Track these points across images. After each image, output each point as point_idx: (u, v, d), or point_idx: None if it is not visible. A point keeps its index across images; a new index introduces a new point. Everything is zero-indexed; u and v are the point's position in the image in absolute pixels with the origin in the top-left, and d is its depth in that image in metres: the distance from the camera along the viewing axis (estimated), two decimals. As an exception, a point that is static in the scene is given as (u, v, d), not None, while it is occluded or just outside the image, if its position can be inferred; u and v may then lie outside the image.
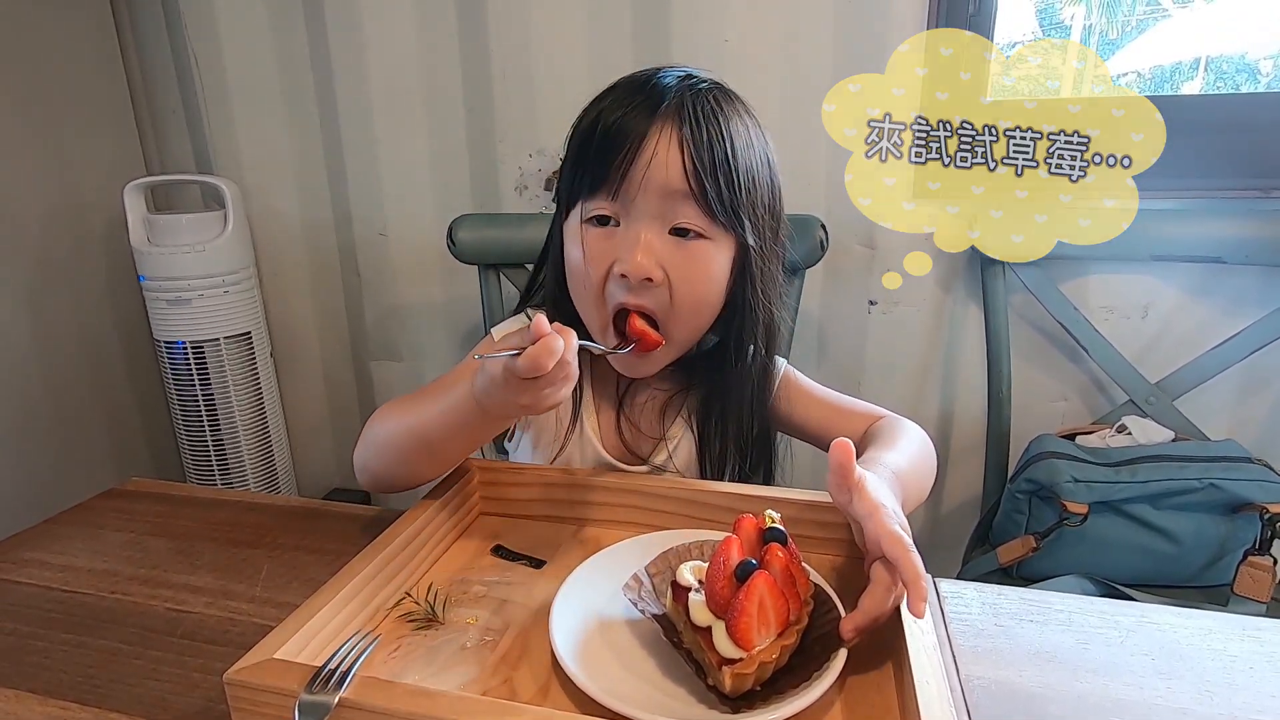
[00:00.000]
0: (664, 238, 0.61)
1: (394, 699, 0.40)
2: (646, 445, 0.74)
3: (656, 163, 0.59)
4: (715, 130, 0.61)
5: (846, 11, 1.15)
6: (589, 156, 0.62)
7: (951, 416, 1.31)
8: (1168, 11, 1.51)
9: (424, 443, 0.62)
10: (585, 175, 0.62)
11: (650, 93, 0.61)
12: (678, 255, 0.61)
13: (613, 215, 0.62)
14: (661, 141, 0.59)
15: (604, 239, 0.62)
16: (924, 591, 0.44)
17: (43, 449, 1.38)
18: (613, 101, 0.62)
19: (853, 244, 1.25)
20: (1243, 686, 0.49)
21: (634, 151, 0.59)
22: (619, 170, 0.60)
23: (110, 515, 0.75)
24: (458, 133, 1.36)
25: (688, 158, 0.59)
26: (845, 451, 0.47)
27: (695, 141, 0.60)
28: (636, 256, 0.60)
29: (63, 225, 1.40)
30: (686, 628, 0.46)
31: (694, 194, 0.60)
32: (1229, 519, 0.95)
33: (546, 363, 0.48)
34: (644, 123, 0.60)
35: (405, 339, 1.52)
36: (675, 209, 0.61)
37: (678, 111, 0.60)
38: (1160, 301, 1.17)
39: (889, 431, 0.66)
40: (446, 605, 0.54)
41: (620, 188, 0.60)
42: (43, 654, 0.54)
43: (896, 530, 0.46)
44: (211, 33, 1.43)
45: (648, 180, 0.59)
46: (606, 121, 0.61)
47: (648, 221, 0.61)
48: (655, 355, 0.65)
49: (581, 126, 0.64)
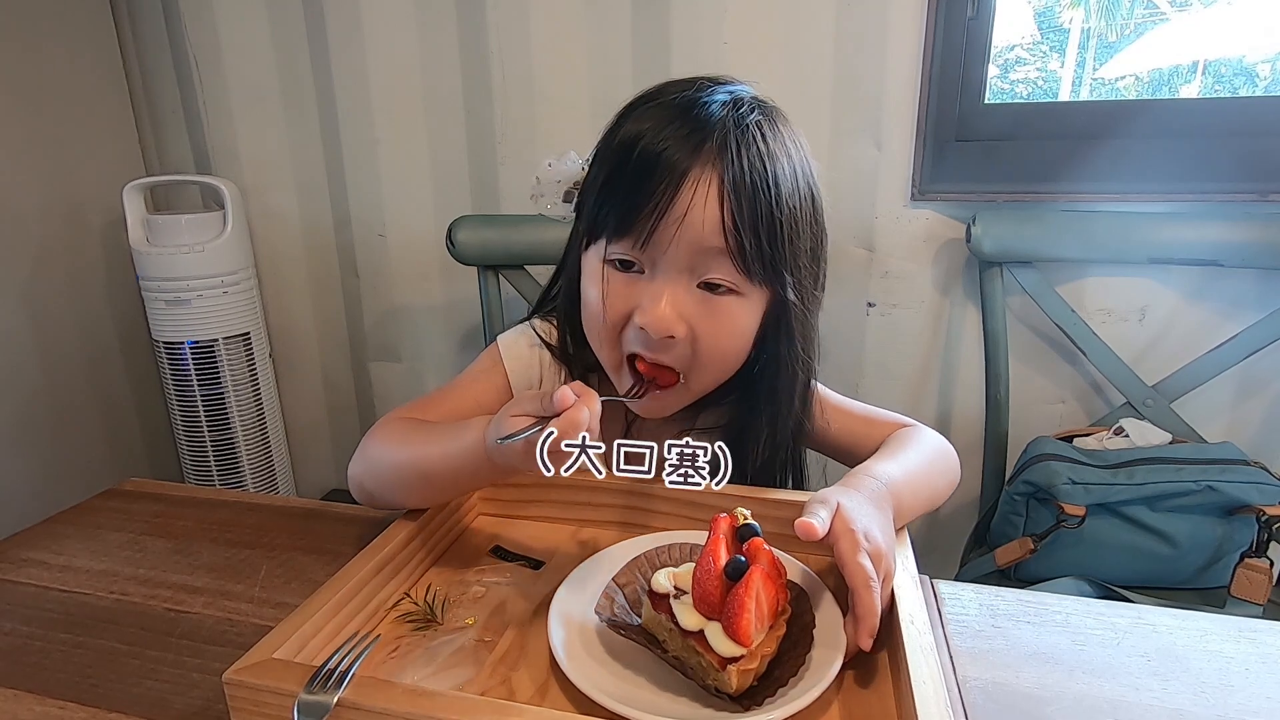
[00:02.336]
0: (691, 292, 0.57)
1: (392, 699, 0.40)
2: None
3: (693, 216, 0.54)
4: (759, 177, 0.55)
5: (845, 15, 1.16)
6: (619, 190, 0.56)
7: (949, 418, 1.32)
8: (1166, 15, 1.52)
9: (425, 479, 0.59)
10: (612, 213, 0.56)
11: (694, 123, 0.55)
12: (703, 310, 0.57)
13: (637, 262, 0.57)
14: (700, 190, 0.54)
15: (626, 285, 0.57)
16: (872, 628, 0.45)
17: (41, 449, 1.38)
18: (651, 131, 0.55)
19: (851, 246, 1.25)
20: (1239, 688, 0.49)
21: (669, 199, 0.54)
22: (650, 218, 0.54)
23: (109, 515, 0.75)
24: (457, 134, 1.37)
25: (727, 213, 0.54)
26: (808, 531, 0.47)
27: (737, 192, 0.54)
28: (660, 313, 0.55)
29: (62, 225, 1.40)
30: (673, 635, 0.46)
31: (730, 251, 0.55)
32: (1226, 521, 0.96)
33: (574, 437, 0.46)
34: (684, 162, 0.54)
35: (404, 340, 1.52)
36: (708, 263, 0.56)
37: (720, 153, 0.54)
38: (1158, 304, 1.18)
39: (896, 441, 0.65)
40: (445, 606, 0.54)
41: (649, 239, 0.55)
42: (41, 654, 0.54)
43: (859, 561, 0.46)
44: (211, 34, 1.43)
45: (681, 235, 0.54)
46: (644, 152, 0.54)
47: (675, 275, 0.56)
48: (671, 397, 0.62)
49: (615, 145, 0.57)
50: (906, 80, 1.16)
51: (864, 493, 0.54)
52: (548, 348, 0.71)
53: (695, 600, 0.45)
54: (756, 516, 0.49)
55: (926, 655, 0.43)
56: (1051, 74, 1.59)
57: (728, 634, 0.43)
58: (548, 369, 0.71)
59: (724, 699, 0.44)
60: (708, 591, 0.45)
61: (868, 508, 0.52)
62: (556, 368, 0.71)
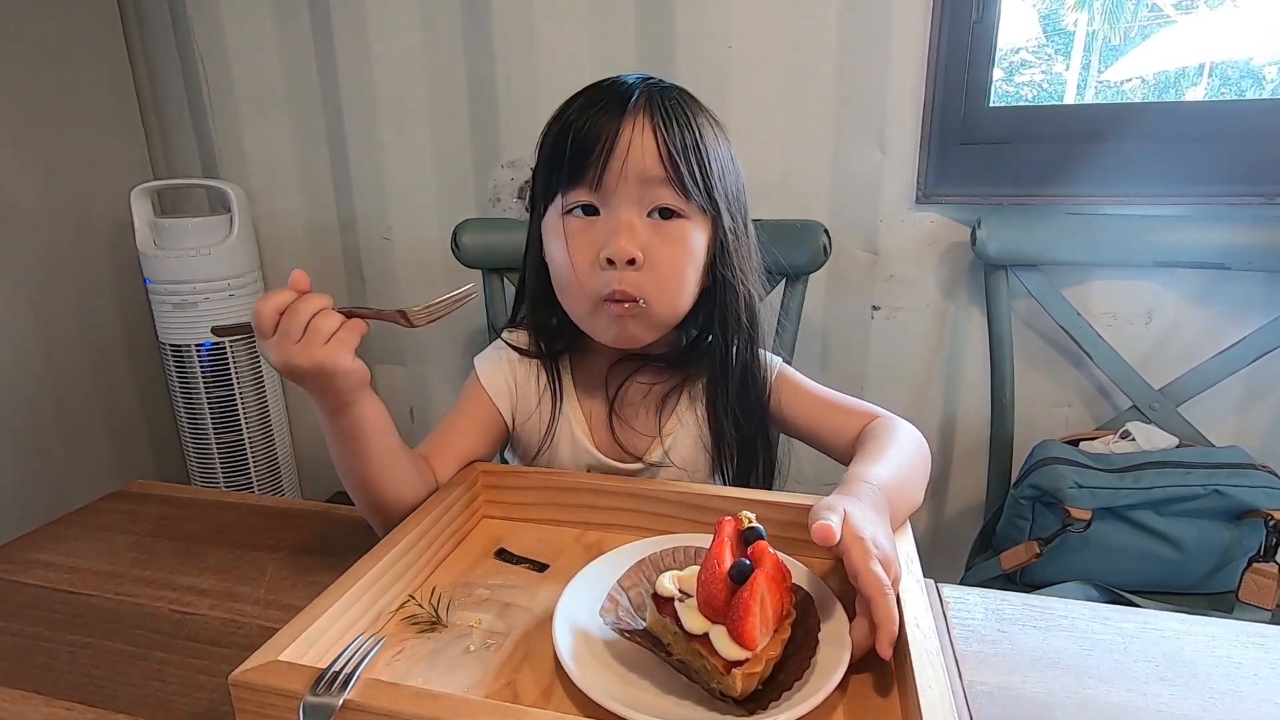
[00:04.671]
0: (644, 221, 0.64)
1: (398, 701, 0.40)
2: (641, 442, 0.74)
3: (634, 151, 0.62)
4: (684, 120, 0.64)
5: (849, 19, 1.16)
6: (565, 154, 0.63)
7: (955, 422, 1.31)
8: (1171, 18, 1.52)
9: (346, 478, 0.63)
10: (563, 172, 0.64)
11: (617, 91, 0.64)
12: (657, 236, 0.64)
13: (594, 204, 0.64)
14: (636, 132, 0.62)
15: (586, 228, 0.65)
16: (893, 634, 0.45)
17: (49, 451, 1.39)
18: (581, 104, 0.65)
19: (856, 249, 1.25)
20: (1247, 694, 0.49)
21: (611, 143, 0.62)
22: (598, 162, 0.62)
23: (115, 517, 0.75)
24: (462, 137, 1.37)
25: (661, 144, 0.62)
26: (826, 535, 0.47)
27: (667, 129, 0.63)
28: (620, 240, 0.62)
29: (70, 228, 1.41)
30: (677, 638, 0.46)
31: (670, 177, 0.63)
32: (1233, 525, 0.95)
33: (262, 310, 0.53)
34: (616, 118, 0.62)
35: (409, 342, 1.53)
36: (653, 193, 0.63)
37: (647, 104, 0.64)
38: (1164, 307, 1.17)
39: (879, 437, 0.66)
40: (450, 608, 0.55)
41: (601, 179, 0.62)
42: (48, 655, 0.55)
43: (873, 569, 0.46)
44: (218, 38, 1.44)
45: (626, 168, 0.62)
46: (579, 121, 0.63)
47: (628, 206, 0.63)
48: (636, 322, 0.66)
49: (554, 129, 0.66)
50: (911, 83, 1.16)
51: (864, 499, 0.54)
52: (513, 349, 0.75)
53: (700, 603, 0.45)
54: (761, 520, 0.49)
55: (932, 659, 0.43)
56: (1057, 77, 1.59)
57: (732, 637, 0.43)
58: (520, 369, 0.75)
59: (729, 702, 0.44)
60: (712, 595, 0.44)
61: (871, 514, 0.52)
62: (528, 365, 0.75)
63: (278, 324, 0.53)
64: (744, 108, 1.23)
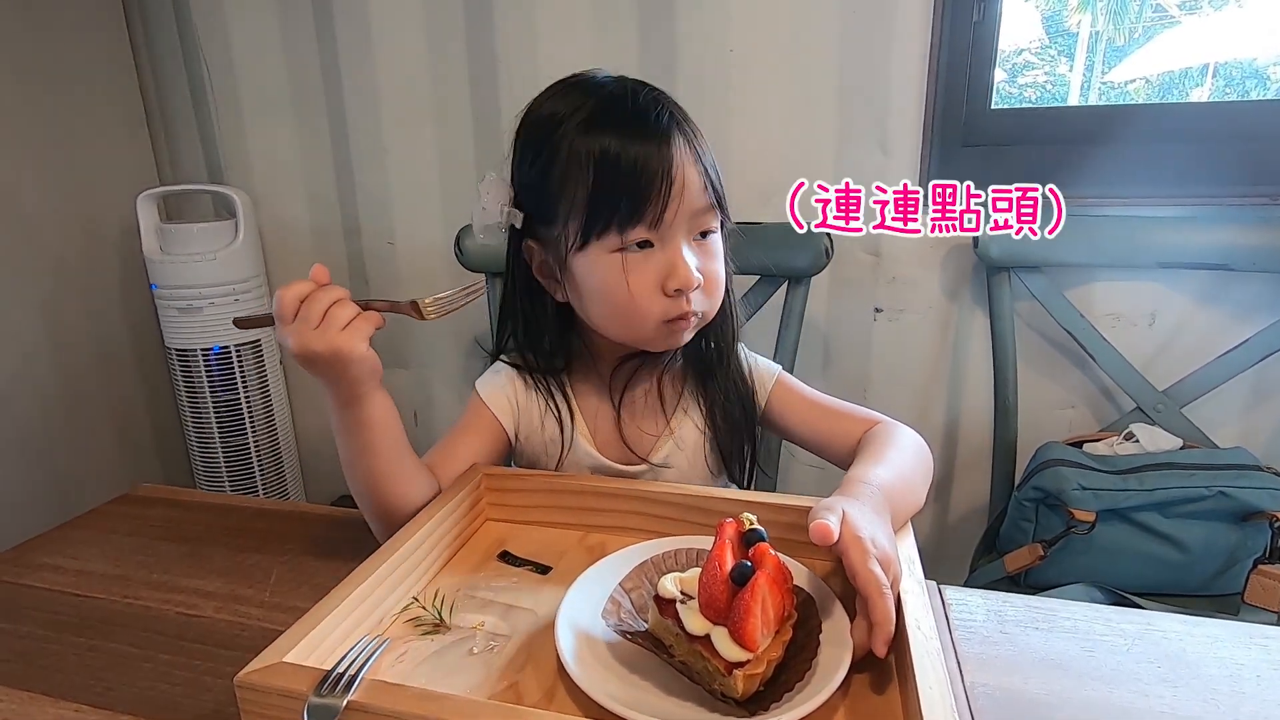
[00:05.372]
0: (692, 245, 0.66)
1: (402, 702, 0.40)
2: (647, 442, 0.75)
3: (689, 189, 0.63)
4: (697, 135, 0.66)
5: (851, 22, 1.16)
6: (617, 191, 0.62)
7: (958, 424, 1.31)
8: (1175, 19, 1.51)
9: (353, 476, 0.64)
10: (616, 209, 0.63)
11: (646, 116, 0.64)
12: (704, 255, 0.67)
13: (650, 239, 0.65)
14: (685, 167, 0.63)
15: (645, 260, 0.65)
16: (889, 634, 0.45)
17: (56, 455, 1.40)
18: (613, 131, 0.63)
19: (858, 251, 1.25)
20: (1250, 695, 0.49)
21: (668, 179, 0.62)
22: (660, 200, 0.62)
23: (122, 520, 0.76)
24: (465, 143, 1.38)
25: (701, 173, 0.64)
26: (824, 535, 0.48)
27: (699, 156, 0.64)
28: (690, 272, 0.64)
29: (77, 234, 1.42)
30: (679, 640, 0.46)
31: (713, 204, 0.65)
32: (1238, 527, 0.95)
33: (284, 296, 0.56)
34: (667, 153, 0.62)
35: (412, 347, 1.53)
36: (700, 219, 0.66)
37: (681, 133, 0.64)
38: (1167, 309, 1.17)
39: (879, 441, 0.66)
40: (453, 610, 0.55)
41: (661, 217, 0.63)
42: (55, 656, 0.55)
43: (871, 568, 0.47)
44: (224, 45, 1.45)
45: (683, 207, 0.63)
46: (630, 155, 0.62)
47: (683, 236, 0.65)
48: (693, 328, 0.69)
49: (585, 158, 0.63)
50: (913, 85, 1.16)
51: (864, 500, 0.54)
52: (516, 368, 0.76)
53: (701, 605, 0.45)
54: (762, 521, 0.50)
55: (933, 660, 0.43)
56: (1060, 78, 1.58)
57: (734, 639, 0.43)
58: (521, 385, 0.75)
59: (730, 704, 0.44)
60: (714, 596, 0.45)
61: (871, 515, 0.52)
62: (529, 382, 0.75)
63: (298, 311, 0.56)
64: (746, 110, 1.23)
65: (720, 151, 0.67)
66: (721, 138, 1.24)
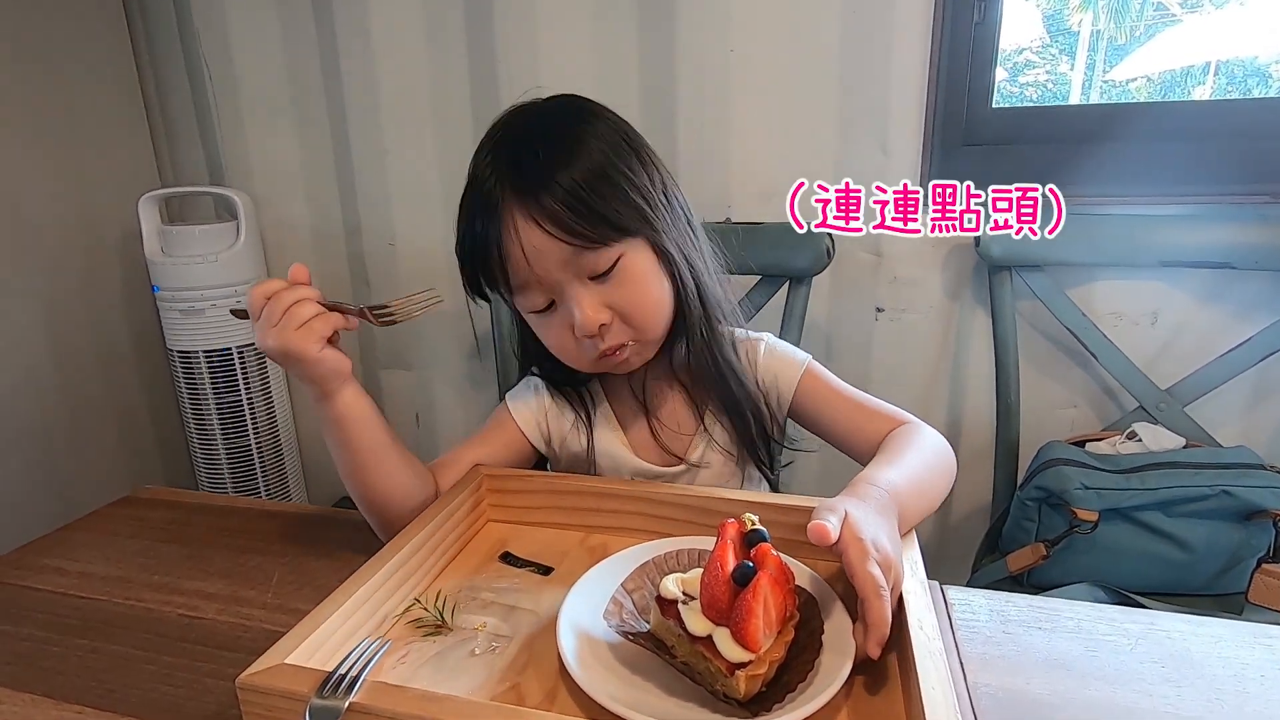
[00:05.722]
0: (590, 287, 0.64)
1: (403, 703, 0.40)
2: (683, 443, 0.75)
3: (530, 250, 0.61)
4: (548, 176, 0.60)
5: (851, 21, 1.16)
6: (480, 275, 0.66)
7: (960, 424, 1.31)
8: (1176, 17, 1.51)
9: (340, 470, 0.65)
10: (494, 287, 0.66)
11: (480, 193, 0.64)
12: (611, 289, 0.64)
13: (545, 297, 0.65)
14: (520, 232, 0.61)
15: (550, 317, 0.66)
16: (882, 636, 0.45)
17: (58, 458, 1.40)
18: (465, 221, 0.66)
19: (859, 251, 1.25)
20: (1254, 694, 0.49)
21: (507, 256, 0.62)
22: (513, 272, 0.63)
23: (124, 522, 0.76)
24: (466, 143, 1.37)
25: (545, 228, 0.60)
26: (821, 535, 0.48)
27: (541, 211, 0.60)
28: (585, 319, 0.63)
29: (79, 237, 1.42)
30: (681, 640, 0.46)
31: (581, 244, 0.61)
32: (1242, 526, 0.95)
33: (252, 294, 0.58)
34: (495, 227, 0.62)
35: (414, 348, 1.53)
36: (578, 264, 0.63)
37: (513, 196, 0.61)
38: (1170, 307, 1.17)
39: (899, 443, 0.66)
40: (455, 611, 0.55)
41: (526, 280, 0.63)
42: (57, 659, 0.55)
43: (869, 570, 0.46)
44: (224, 47, 1.45)
45: (536, 267, 0.62)
46: (470, 244, 0.65)
47: (570, 286, 0.63)
48: (636, 351, 0.68)
49: (458, 246, 0.67)
50: (913, 85, 1.16)
51: (869, 501, 0.54)
52: (543, 379, 0.77)
53: (703, 606, 0.45)
54: (764, 522, 0.50)
55: (935, 661, 0.43)
56: (1062, 77, 1.58)
57: (736, 639, 0.43)
58: (552, 398, 0.76)
59: (732, 704, 0.44)
60: (715, 597, 0.45)
61: (874, 516, 0.52)
62: (561, 394, 0.76)
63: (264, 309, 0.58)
64: (746, 111, 1.23)
65: (721, 152, 0.67)
66: (721, 137, 1.24)
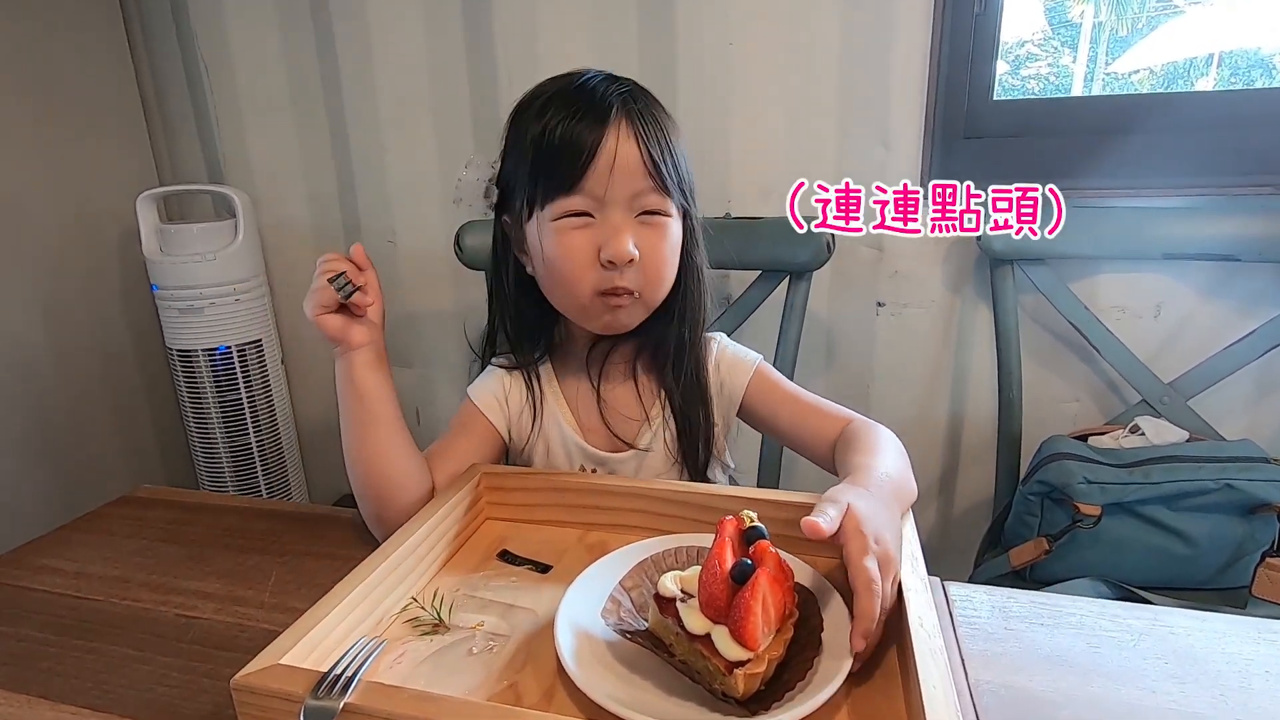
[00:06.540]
0: (633, 221, 0.67)
1: (399, 704, 0.40)
2: (631, 428, 0.76)
3: (620, 162, 0.65)
4: (655, 122, 0.67)
5: (852, 14, 1.15)
6: (552, 163, 0.66)
7: (962, 418, 1.30)
8: (1179, 8, 1.50)
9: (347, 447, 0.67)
10: (552, 180, 0.67)
11: (594, 101, 0.66)
12: (647, 235, 0.68)
13: (587, 210, 0.67)
14: (621, 142, 0.65)
15: (582, 228, 0.67)
16: (866, 630, 0.45)
17: (56, 457, 1.40)
18: (558, 111, 0.67)
19: (859, 246, 1.25)
20: (1259, 690, 0.48)
21: (600, 156, 0.65)
22: (589, 174, 0.65)
23: (122, 522, 0.76)
24: (465, 141, 1.37)
25: (644, 152, 0.66)
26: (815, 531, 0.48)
27: (646, 136, 0.66)
28: (622, 244, 0.65)
29: (77, 235, 1.42)
30: (679, 639, 0.45)
31: (655, 184, 0.66)
32: (1246, 520, 0.94)
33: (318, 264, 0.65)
34: (600, 126, 0.65)
35: (415, 345, 1.53)
36: (641, 198, 0.67)
37: (625, 113, 0.66)
38: (1173, 300, 1.16)
39: (868, 437, 0.66)
40: (452, 610, 0.55)
41: (593, 189, 0.65)
42: (55, 659, 0.55)
43: (865, 565, 0.46)
44: (222, 45, 1.44)
45: (616, 179, 0.65)
46: (565, 130, 0.66)
47: (620, 211, 0.66)
48: (630, 311, 0.70)
49: (531, 139, 0.68)
50: (914, 78, 1.15)
51: (875, 493, 0.54)
52: (504, 368, 0.78)
53: (701, 604, 0.45)
54: (763, 519, 0.49)
55: (936, 658, 0.43)
56: (1064, 69, 1.57)
57: (734, 638, 0.43)
58: (509, 383, 0.77)
59: (731, 703, 0.44)
60: (714, 595, 0.44)
61: (880, 510, 0.52)
62: (517, 379, 0.77)
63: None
64: (746, 105, 1.22)
65: (720, 146, 0.68)
66: (721, 132, 1.24)
